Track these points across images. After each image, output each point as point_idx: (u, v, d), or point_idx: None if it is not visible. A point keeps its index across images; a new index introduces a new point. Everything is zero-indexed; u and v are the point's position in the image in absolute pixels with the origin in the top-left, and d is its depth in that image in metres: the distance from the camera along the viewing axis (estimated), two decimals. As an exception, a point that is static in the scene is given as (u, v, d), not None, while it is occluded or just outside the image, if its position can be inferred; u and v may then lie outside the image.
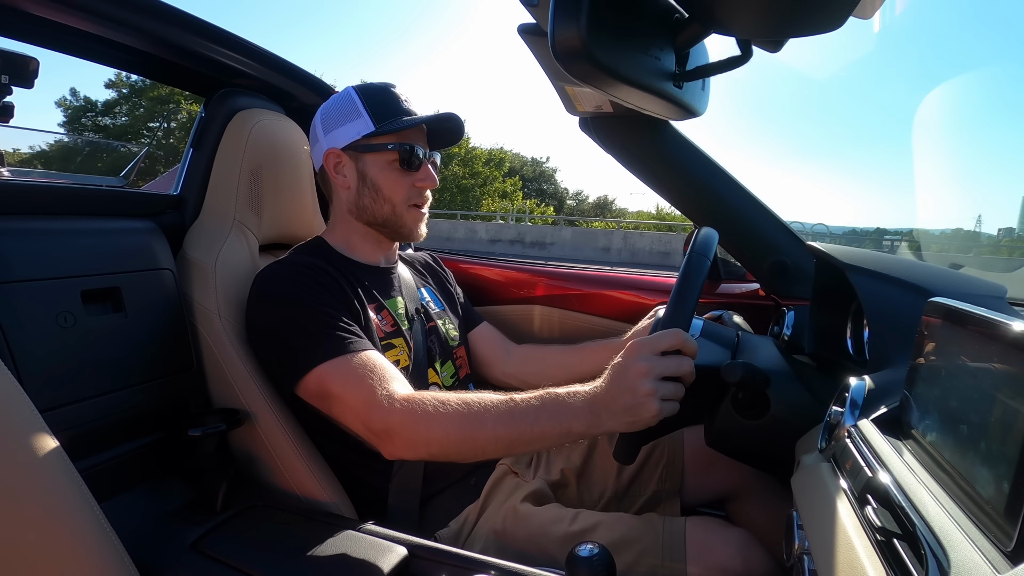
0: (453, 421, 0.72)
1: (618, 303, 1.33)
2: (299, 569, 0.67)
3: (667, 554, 0.80)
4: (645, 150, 1.17)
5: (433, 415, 0.73)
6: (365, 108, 0.95)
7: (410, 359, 0.95)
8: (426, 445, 0.75)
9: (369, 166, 0.97)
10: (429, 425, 0.73)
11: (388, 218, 0.98)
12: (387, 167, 0.96)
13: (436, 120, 0.99)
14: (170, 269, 0.95)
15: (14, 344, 0.71)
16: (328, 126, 0.98)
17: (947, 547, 0.35)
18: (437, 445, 0.74)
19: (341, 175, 0.98)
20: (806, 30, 0.55)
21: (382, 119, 0.94)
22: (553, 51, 0.54)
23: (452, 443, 0.73)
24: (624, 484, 1.05)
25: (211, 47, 0.99)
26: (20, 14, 0.81)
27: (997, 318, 0.39)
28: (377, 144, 0.95)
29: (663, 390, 0.65)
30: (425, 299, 1.09)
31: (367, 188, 0.97)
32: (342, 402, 0.80)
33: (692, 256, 0.75)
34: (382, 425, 0.76)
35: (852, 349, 0.84)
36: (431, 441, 0.74)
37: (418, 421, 0.74)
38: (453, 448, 0.74)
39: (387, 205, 0.97)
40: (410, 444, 0.75)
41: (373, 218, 0.99)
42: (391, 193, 0.97)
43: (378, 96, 0.97)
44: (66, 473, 0.57)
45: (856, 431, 0.54)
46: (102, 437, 0.81)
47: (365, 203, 0.98)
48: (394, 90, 0.99)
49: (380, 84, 0.99)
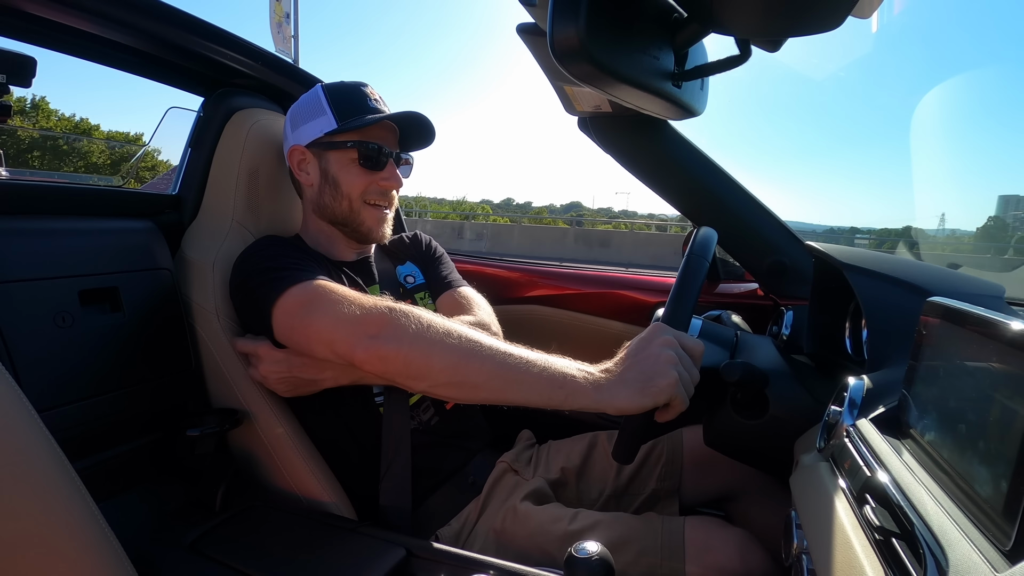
0: (439, 348, 0.69)
1: (617, 303, 1.33)
2: (298, 570, 0.67)
3: (666, 554, 0.80)
4: (644, 150, 1.17)
5: (418, 335, 0.69)
6: (329, 105, 0.94)
7: None
8: (404, 369, 0.70)
9: (331, 163, 0.96)
10: (410, 346, 0.69)
11: (346, 215, 0.97)
12: (348, 165, 0.95)
13: (401, 118, 0.97)
14: (168, 269, 0.94)
15: (12, 344, 0.71)
16: (295, 123, 0.97)
17: (945, 546, 0.35)
18: (417, 372, 0.70)
19: (304, 172, 0.98)
20: (805, 29, 0.55)
21: (345, 116, 0.94)
22: (552, 51, 0.54)
23: (435, 374, 0.69)
24: (623, 483, 1.05)
25: (209, 46, 0.98)
26: (18, 13, 0.81)
27: (995, 318, 0.39)
28: (339, 142, 0.95)
29: (683, 363, 0.66)
30: (404, 276, 1.08)
31: (328, 185, 0.97)
32: (315, 323, 0.76)
33: (691, 256, 0.75)
34: (362, 334, 0.71)
35: (851, 349, 0.84)
36: (410, 365, 0.69)
37: (398, 337, 0.69)
38: (437, 380, 0.70)
39: (345, 202, 0.96)
40: (387, 361, 0.70)
41: (333, 216, 0.98)
42: (349, 189, 0.96)
43: (344, 94, 0.96)
44: (64, 473, 0.57)
45: (855, 431, 0.54)
46: (100, 437, 0.81)
47: (326, 200, 0.97)
48: (364, 89, 0.97)
49: (350, 83, 0.98)
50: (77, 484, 0.58)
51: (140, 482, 0.86)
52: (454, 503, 0.94)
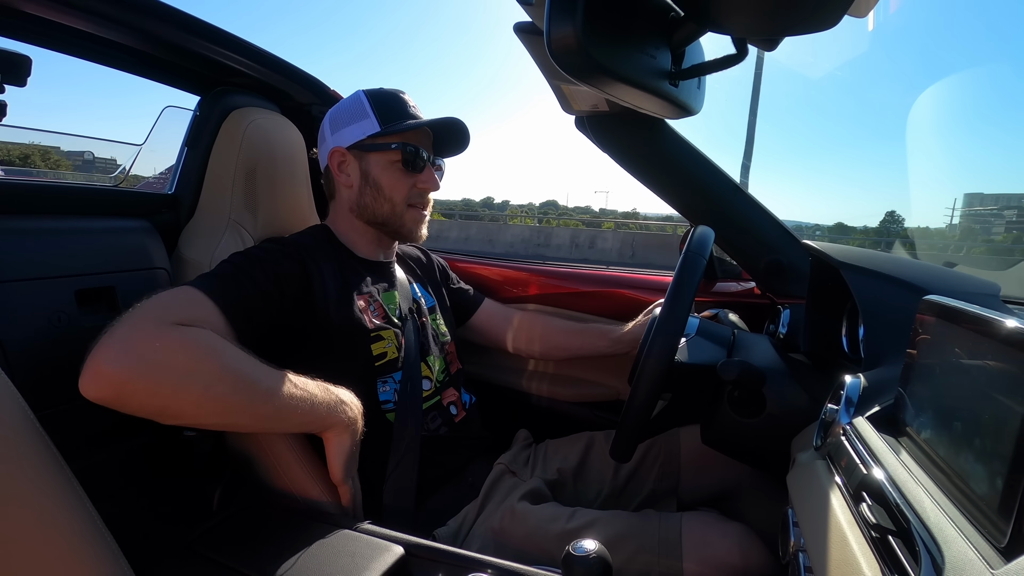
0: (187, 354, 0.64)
1: (615, 302, 1.33)
2: (296, 569, 0.67)
3: (663, 550, 0.80)
4: (641, 149, 1.17)
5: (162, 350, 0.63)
6: (372, 110, 0.97)
7: (399, 352, 0.95)
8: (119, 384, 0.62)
9: (372, 165, 0.98)
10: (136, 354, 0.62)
11: (388, 217, 1.00)
12: (390, 167, 0.98)
13: (441, 124, 1.00)
14: (165, 269, 0.94)
15: (8, 344, 0.71)
16: (336, 126, 0.99)
17: (941, 543, 0.35)
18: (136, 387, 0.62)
19: (344, 173, 1.00)
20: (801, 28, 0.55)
21: (388, 120, 0.96)
22: (549, 49, 0.54)
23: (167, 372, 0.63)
24: (621, 483, 1.06)
25: (206, 45, 0.98)
26: (13, 12, 0.80)
27: (991, 316, 0.39)
28: (381, 144, 0.97)
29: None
30: (417, 295, 1.09)
31: (368, 187, 0.99)
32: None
33: (688, 255, 0.75)
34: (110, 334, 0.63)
35: (847, 347, 0.84)
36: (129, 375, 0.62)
37: (126, 350, 0.62)
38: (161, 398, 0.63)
39: (387, 204, 0.99)
40: (106, 372, 0.62)
41: (373, 216, 1.00)
42: (392, 192, 0.98)
43: (386, 100, 0.99)
44: (60, 474, 0.57)
45: (851, 429, 0.54)
46: (97, 437, 0.81)
47: (366, 201, 1.00)
48: (403, 96, 1.01)
49: (390, 89, 1.01)
50: (74, 484, 0.58)
51: (137, 482, 0.86)
52: (452, 504, 0.94)
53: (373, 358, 0.92)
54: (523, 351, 1.25)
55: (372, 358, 0.92)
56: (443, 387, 1.04)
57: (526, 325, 1.25)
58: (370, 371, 0.91)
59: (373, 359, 0.92)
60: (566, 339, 1.22)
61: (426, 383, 0.99)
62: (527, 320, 1.26)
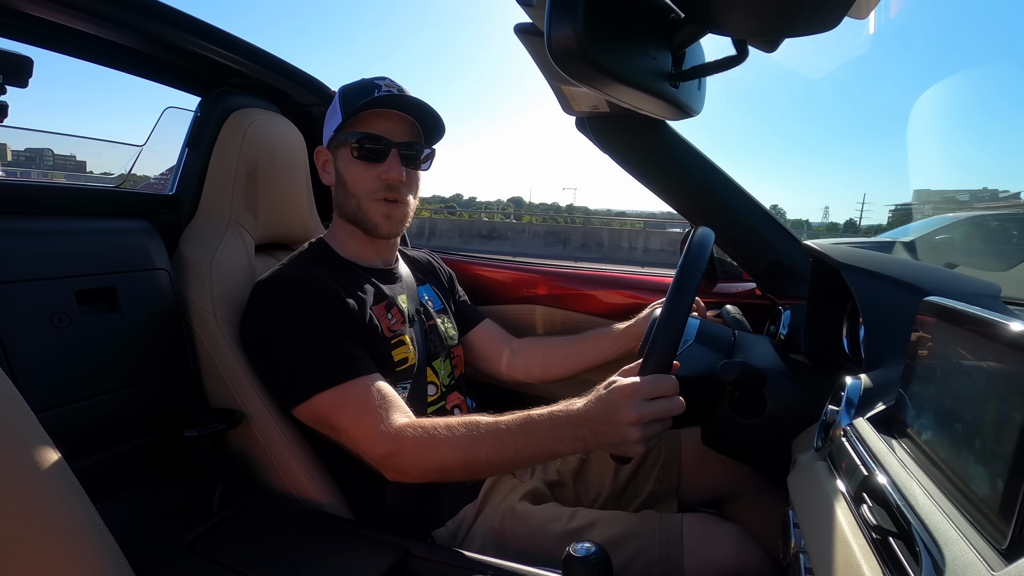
0: (449, 449, 0.75)
1: (616, 302, 1.33)
2: (296, 570, 0.67)
3: (663, 550, 0.80)
4: (641, 150, 1.17)
5: (432, 445, 0.75)
6: (340, 101, 0.93)
7: (416, 358, 0.95)
8: (425, 472, 0.78)
9: (339, 160, 0.96)
10: (427, 455, 0.76)
11: (355, 213, 0.95)
12: (350, 160, 0.93)
13: (391, 102, 0.91)
14: (166, 269, 0.94)
15: (9, 345, 0.71)
16: (325, 126, 0.98)
17: (942, 545, 0.35)
18: (436, 472, 0.77)
19: (327, 173, 0.99)
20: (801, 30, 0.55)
21: (348, 110, 0.91)
22: (549, 51, 0.54)
23: (449, 470, 0.76)
24: (621, 484, 1.05)
25: (206, 46, 0.98)
26: (15, 13, 0.80)
27: (991, 317, 0.39)
28: (342, 137, 0.93)
29: (650, 432, 0.67)
30: (424, 298, 1.08)
31: (339, 184, 0.96)
32: (343, 432, 0.81)
33: (688, 257, 0.75)
34: (385, 453, 0.78)
35: (848, 348, 0.84)
36: (430, 469, 0.77)
37: (418, 451, 0.76)
38: (450, 474, 0.79)
39: (353, 199, 0.94)
40: (410, 471, 0.78)
41: (347, 214, 0.96)
42: (355, 186, 0.94)
43: (354, 89, 0.93)
44: (61, 474, 0.57)
45: (852, 430, 0.54)
46: (98, 438, 0.81)
47: (339, 200, 0.97)
48: (376, 81, 0.93)
49: (367, 78, 0.95)
50: (74, 485, 0.58)
51: (138, 482, 0.86)
52: (451, 505, 0.94)
53: (395, 364, 0.91)
54: (519, 376, 1.18)
55: (394, 364, 0.91)
56: (448, 391, 1.03)
57: (525, 350, 1.19)
58: (393, 378, 0.89)
59: (395, 365, 0.91)
60: (569, 352, 1.15)
61: (432, 388, 0.99)
62: (527, 346, 1.20)
